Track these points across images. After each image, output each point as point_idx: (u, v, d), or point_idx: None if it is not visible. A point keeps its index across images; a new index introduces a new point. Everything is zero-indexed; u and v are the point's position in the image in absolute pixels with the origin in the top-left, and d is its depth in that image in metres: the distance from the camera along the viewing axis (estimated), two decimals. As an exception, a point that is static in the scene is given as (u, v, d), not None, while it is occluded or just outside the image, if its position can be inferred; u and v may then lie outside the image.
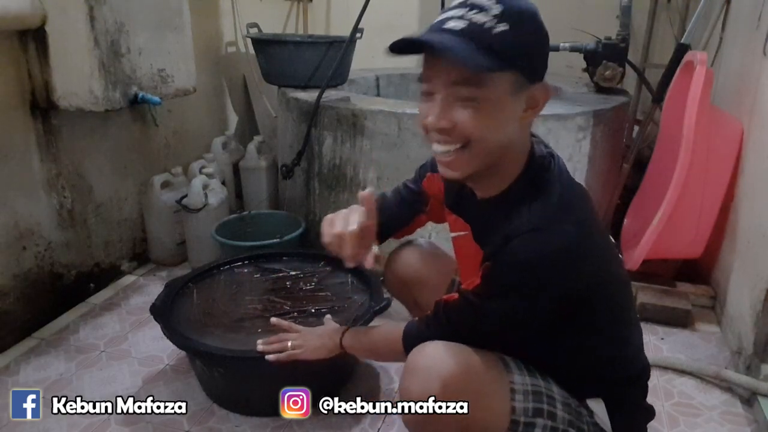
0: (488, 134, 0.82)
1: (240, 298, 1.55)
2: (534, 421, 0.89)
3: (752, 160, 1.70)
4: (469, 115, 0.80)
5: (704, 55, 1.80)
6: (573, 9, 2.67)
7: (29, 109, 1.64)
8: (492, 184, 0.91)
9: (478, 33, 0.76)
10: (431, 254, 1.25)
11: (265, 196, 2.43)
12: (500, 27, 0.76)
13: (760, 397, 1.41)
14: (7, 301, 1.64)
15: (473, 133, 0.81)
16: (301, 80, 2.16)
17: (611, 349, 0.97)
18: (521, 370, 0.93)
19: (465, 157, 0.84)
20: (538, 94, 0.83)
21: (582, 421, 0.94)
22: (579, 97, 2.13)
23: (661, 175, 2.03)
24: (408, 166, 1.86)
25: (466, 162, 0.85)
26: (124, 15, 1.62)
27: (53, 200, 1.76)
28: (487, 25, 0.76)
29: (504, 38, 0.76)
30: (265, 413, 1.37)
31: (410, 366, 0.90)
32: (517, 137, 0.86)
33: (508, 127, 0.83)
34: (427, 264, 1.23)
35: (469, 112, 0.80)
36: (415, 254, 1.25)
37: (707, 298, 1.89)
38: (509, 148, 0.86)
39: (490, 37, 0.76)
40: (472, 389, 0.87)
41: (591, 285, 0.88)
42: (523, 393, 0.90)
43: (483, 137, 0.82)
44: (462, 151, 0.84)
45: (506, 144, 0.85)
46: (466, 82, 0.79)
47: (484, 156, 0.84)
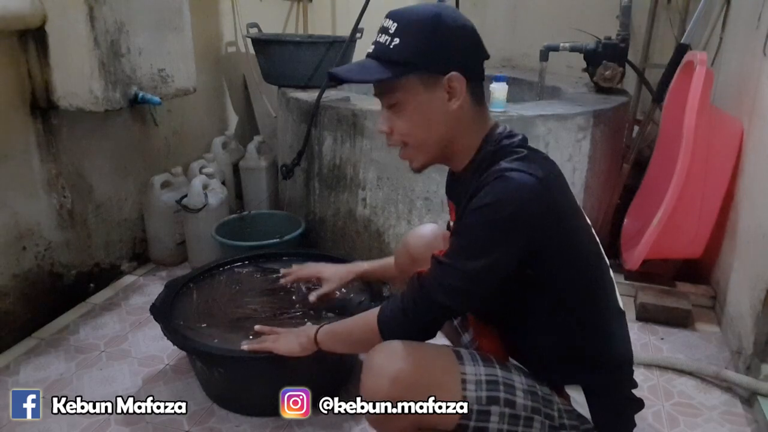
0: (418, 130, 0.96)
1: (240, 298, 1.55)
2: (488, 408, 0.91)
3: (752, 160, 1.70)
4: (398, 119, 0.96)
5: (704, 55, 1.80)
6: (573, 9, 2.67)
7: (29, 109, 1.64)
8: (459, 161, 1.01)
9: (381, 51, 0.94)
10: (442, 234, 1.26)
11: (265, 196, 2.43)
12: (395, 41, 0.92)
13: (760, 397, 1.41)
14: (7, 301, 1.64)
15: (404, 132, 0.97)
16: (301, 80, 2.16)
17: (587, 332, 0.98)
18: (475, 361, 0.96)
19: (411, 152, 1.00)
20: (453, 82, 0.93)
21: (552, 408, 0.95)
22: (579, 97, 2.14)
23: (661, 175, 2.04)
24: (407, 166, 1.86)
25: (413, 155, 1.00)
26: (124, 15, 1.62)
27: (53, 200, 1.76)
28: (387, 42, 0.93)
29: (398, 49, 0.92)
30: (265, 413, 1.37)
31: (366, 365, 0.96)
32: (456, 124, 0.96)
33: (438, 119, 0.95)
34: (437, 242, 1.24)
35: (398, 116, 0.96)
36: (426, 234, 1.28)
37: (707, 298, 1.90)
38: (455, 134, 0.97)
39: (389, 51, 0.92)
40: (423, 383, 0.92)
41: (554, 237, 0.91)
42: (475, 383, 0.93)
43: (414, 133, 0.97)
44: (407, 148, 1.00)
45: (446, 133, 0.97)
46: (384, 92, 0.96)
47: (428, 147, 0.98)
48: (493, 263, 0.90)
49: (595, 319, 0.99)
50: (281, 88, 2.25)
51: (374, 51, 0.95)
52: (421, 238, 1.27)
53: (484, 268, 0.90)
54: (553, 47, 2.20)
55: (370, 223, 1.98)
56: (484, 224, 0.89)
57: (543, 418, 0.94)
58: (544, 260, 0.92)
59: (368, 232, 1.99)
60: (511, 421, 0.92)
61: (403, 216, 1.92)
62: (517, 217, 0.88)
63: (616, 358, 1.01)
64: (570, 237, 0.95)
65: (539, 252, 0.91)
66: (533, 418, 0.93)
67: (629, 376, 1.03)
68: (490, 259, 0.89)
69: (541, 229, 0.89)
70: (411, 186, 1.88)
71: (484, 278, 0.91)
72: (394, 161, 1.87)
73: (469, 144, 0.99)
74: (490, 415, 0.91)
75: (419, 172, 1.04)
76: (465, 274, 0.91)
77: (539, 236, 0.90)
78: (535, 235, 0.89)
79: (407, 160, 1.02)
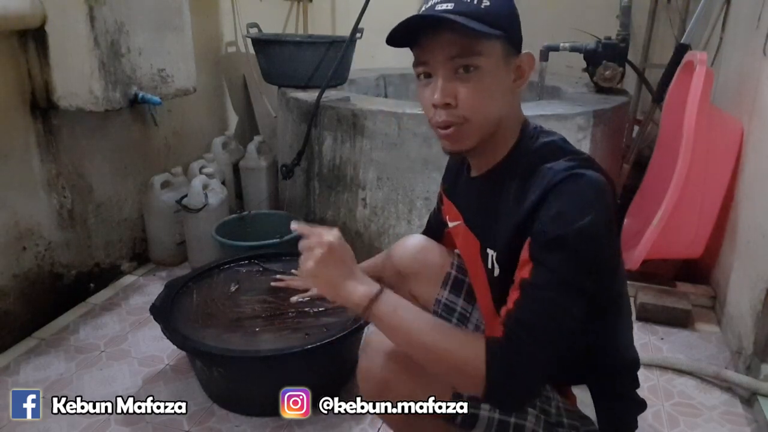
0: (488, 104, 0.85)
1: (240, 298, 1.55)
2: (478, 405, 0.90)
3: (752, 160, 1.70)
4: (469, 88, 0.83)
5: (704, 55, 1.80)
6: (573, 9, 2.66)
7: (29, 109, 1.64)
8: (492, 153, 0.92)
9: (467, 9, 0.81)
10: (428, 247, 1.24)
11: (265, 196, 2.43)
12: (485, 2, 0.82)
13: (760, 397, 1.41)
14: (7, 301, 1.64)
15: (473, 104, 0.84)
16: (301, 80, 2.16)
17: (609, 336, 0.96)
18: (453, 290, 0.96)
19: (467, 130, 0.86)
20: (524, 63, 0.87)
21: (549, 404, 0.94)
22: (579, 97, 2.14)
23: (661, 175, 2.03)
24: (408, 166, 1.86)
25: (468, 134, 0.86)
26: (124, 15, 1.62)
27: (53, 200, 1.76)
28: (475, 1, 0.82)
29: (490, 11, 0.82)
30: (265, 413, 1.37)
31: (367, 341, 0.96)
32: (509, 109, 0.89)
33: (504, 98, 0.87)
34: (423, 256, 1.22)
35: (468, 86, 0.83)
36: (412, 246, 1.24)
37: (707, 298, 1.89)
38: (504, 118, 0.88)
39: (480, 11, 0.81)
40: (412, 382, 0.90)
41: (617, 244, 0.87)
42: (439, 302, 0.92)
43: (482, 107, 0.84)
44: (464, 125, 0.85)
45: (502, 115, 0.88)
46: (465, 53, 0.82)
47: (488, 126, 0.86)
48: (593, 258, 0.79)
49: (618, 323, 0.97)
50: (281, 88, 2.25)
51: (456, 8, 0.81)
52: (406, 250, 1.22)
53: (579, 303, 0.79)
54: (553, 47, 2.20)
55: (370, 223, 1.98)
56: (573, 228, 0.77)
57: (538, 413, 0.93)
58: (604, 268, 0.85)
59: (368, 232, 1.99)
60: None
61: (403, 216, 1.92)
62: (608, 228, 0.79)
63: (629, 360, 1.01)
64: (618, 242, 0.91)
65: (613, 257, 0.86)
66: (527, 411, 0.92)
67: (636, 378, 1.03)
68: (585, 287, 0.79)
69: (616, 238, 0.85)
70: (411, 186, 1.88)
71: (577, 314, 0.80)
72: (394, 161, 1.87)
73: (509, 135, 0.90)
74: (481, 402, 0.90)
75: (456, 154, 0.91)
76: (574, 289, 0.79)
77: (616, 243, 0.86)
78: (614, 243, 0.85)
79: (453, 140, 0.87)
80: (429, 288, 1.19)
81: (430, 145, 1.81)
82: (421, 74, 0.87)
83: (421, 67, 0.86)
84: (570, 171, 0.80)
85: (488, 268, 0.94)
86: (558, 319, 0.79)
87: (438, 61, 0.83)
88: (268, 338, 1.37)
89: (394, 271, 1.23)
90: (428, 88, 0.86)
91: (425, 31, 0.83)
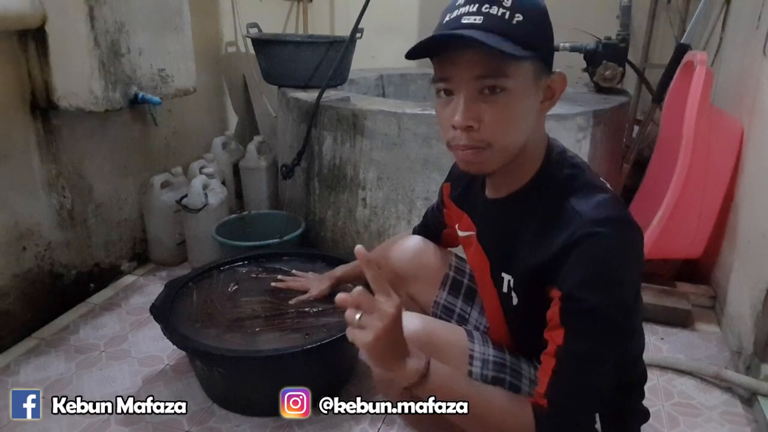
0: (514, 128, 0.80)
1: (240, 298, 1.55)
2: None
3: (752, 160, 1.70)
4: (494, 111, 0.77)
5: (704, 55, 1.80)
6: (573, 9, 2.66)
7: (29, 109, 1.64)
8: (507, 182, 0.88)
9: (498, 25, 0.75)
10: (426, 249, 1.24)
11: (265, 196, 2.43)
12: (517, 17, 0.76)
13: (760, 397, 1.41)
14: (7, 301, 1.64)
15: (498, 128, 0.78)
16: (301, 80, 2.16)
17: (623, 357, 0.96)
18: (485, 343, 0.95)
19: (490, 155, 0.81)
20: (555, 83, 0.83)
21: None
22: (579, 97, 2.13)
23: (661, 175, 2.03)
24: (408, 166, 1.86)
25: (490, 159, 0.81)
26: (124, 15, 1.62)
27: (53, 200, 1.76)
28: (506, 16, 0.76)
29: (522, 27, 0.76)
30: (265, 413, 1.37)
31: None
32: (533, 132, 0.84)
33: (531, 121, 0.82)
34: (421, 258, 1.22)
35: (494, 108, 0.77)
36: (409, 248, 1.24)
37: (707, 298, 1.89)
38: (529, 142, 0.83)
39: (511, 27, 0.75)
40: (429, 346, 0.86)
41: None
42: (482, 360, 0.90)
43: (508, 131, 0.79)
44: (486, 150, 0.80)
45: (528, 138, 0.83)
46: (492, 74, 0.76)
47: (511, 151, 0.82)
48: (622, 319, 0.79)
49: (632, 343, 0.97)
50: (281, 88, 2.25)
51: (486, 22, 0.75)
52: (404, 253, 1.22)
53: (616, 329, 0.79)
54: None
55: (370, 223, 1.98)
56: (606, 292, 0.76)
57: None
58: None
59: (368, 232, 1.99)
60: None
61: (403, 216, 1.92)
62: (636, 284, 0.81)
63: (638, 375, 1.01)
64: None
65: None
66: None
67: (641, 389, 1.02)
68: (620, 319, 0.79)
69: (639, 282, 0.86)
70: (411, 186, 1.88)
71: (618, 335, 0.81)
72: (394, 161, 1.87)
73: (534, 158, 0.86)
74: None
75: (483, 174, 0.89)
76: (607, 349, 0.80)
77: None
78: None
79: (472, 164, 0.82)
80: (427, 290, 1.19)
81: (430, 145, 1.81)
82: (441, 90, 0.80)
83: (442, 83, 0.80)
84: (597, 226, 0.76)
85: (502, 292, 0.92)
86: (598, 384, 0.80)
87: (462, 79, 0.77)
88: (268, 338, 1.37)
89: (391, 273, 1.23)
90: (449, 107, 0.79)
91: (449, 43, 0.77)
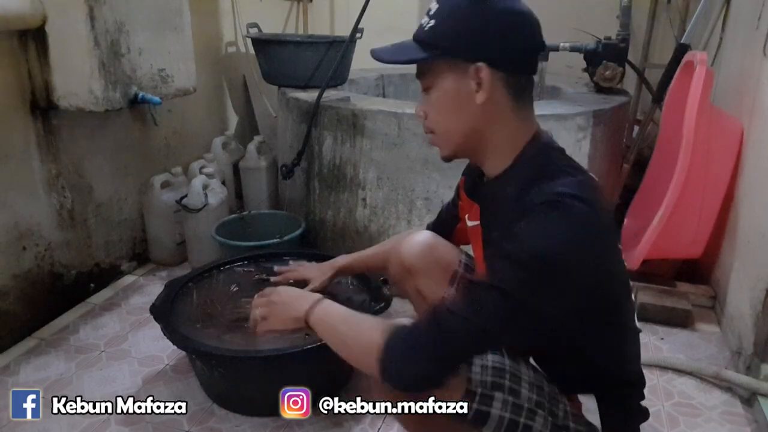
0: (444, 118, 0.93)
1: (240, 298, 1.55)
2: (492, 394, 0.89)
3: (752, 160, 1.70)
4: (429, 104, 0.94)
5: (704, 55, 1.80)
6: (573, 9, 2.67)
7: (29, 109, 1.64)
8: (493, 163, 0.95)
9: (418, 33, 0.91)
10: (436, 244, 1.24)
11: (265, 196, 2.43)
12: (431, 22, 0.89)
13: (760, 397, 1.41)
14: (7, 301, 1.64)
15: (432, 118, 0.95)
16: (301, 80, 2.16)
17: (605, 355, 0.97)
18: None
19: (437, 140, 0.97)
20: (480, 73, 0.88)
21: (557, 407, 0.94)
22: (579, 97, 2.14)
23: (661, 175, 2.04)
24: (408, 166, 1.86)
25: (439, 143, 0.97)
26: (124, 15, 1.61)
27: (53, 200, 1.76)
28: (425, 24, 0.90)
29: (430, 31, 0.89)
30: (265, 413, 1.37)
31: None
32: (488, 119, 0.91)
33: (466, 110, 0.90)
34: (431, 253, 1.22)
35: (428, 102, 0.94)
36: (420, 243, 1.24)
37: (707, 298, 1.90)
38: (485, 129, 0.92)
39: (423, 34, 0.90)
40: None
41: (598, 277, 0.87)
42: (481, 366, 0.90)
43: (440, 121, 0.94)
44: (434, 135, 0.97)
45: (475, 126, 0.92)
46: (418, 76, 0.94)
47: (453, 137, 0.94)
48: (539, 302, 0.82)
49: (623, 342, 0.98)
50: (281, 88, 2.25)
51: (415, 32, 0.93)
52: (414, 247, 1.22)
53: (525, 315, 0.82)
54: (553, 47, 2.20)
55: (370, 223, 1.98)
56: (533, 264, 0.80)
57: (546, 414, 0.93)
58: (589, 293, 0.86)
59: (368, 232, 1.99)
60: (514, 410, 0.90)
61: (403, 216, 1.92)
62: (573, 265, 0.81)
63: (634, 375, 1.02)
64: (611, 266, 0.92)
65: (587, 288, 0.85)
66: (536, 412, 0.92)
67: (641, 390, 1.03)
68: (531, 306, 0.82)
69: (594, 267, 0.84)
70: (411, 186, 1.88)
71: (528, 316, 0.82)
72: (394, 161, 1.87)
73: (505, 145, 0.92)
74: (493, 401, 0.89)
75: (447, 161, 1.00)
76: (502, 314, 0.82)
77: (591, 274, 0.84)
78: (589, 272, 0.84)
79: (435, 146, 1.00)
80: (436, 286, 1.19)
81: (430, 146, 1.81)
82: None
83: None
84: (553, 198, 0.81)
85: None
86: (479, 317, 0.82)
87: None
88: (268, 338, 1.36)
89: (400, 266, 1.24)
90: None
91: None
